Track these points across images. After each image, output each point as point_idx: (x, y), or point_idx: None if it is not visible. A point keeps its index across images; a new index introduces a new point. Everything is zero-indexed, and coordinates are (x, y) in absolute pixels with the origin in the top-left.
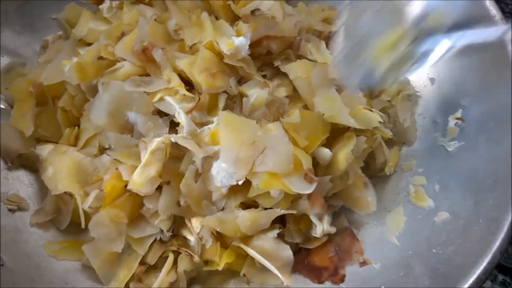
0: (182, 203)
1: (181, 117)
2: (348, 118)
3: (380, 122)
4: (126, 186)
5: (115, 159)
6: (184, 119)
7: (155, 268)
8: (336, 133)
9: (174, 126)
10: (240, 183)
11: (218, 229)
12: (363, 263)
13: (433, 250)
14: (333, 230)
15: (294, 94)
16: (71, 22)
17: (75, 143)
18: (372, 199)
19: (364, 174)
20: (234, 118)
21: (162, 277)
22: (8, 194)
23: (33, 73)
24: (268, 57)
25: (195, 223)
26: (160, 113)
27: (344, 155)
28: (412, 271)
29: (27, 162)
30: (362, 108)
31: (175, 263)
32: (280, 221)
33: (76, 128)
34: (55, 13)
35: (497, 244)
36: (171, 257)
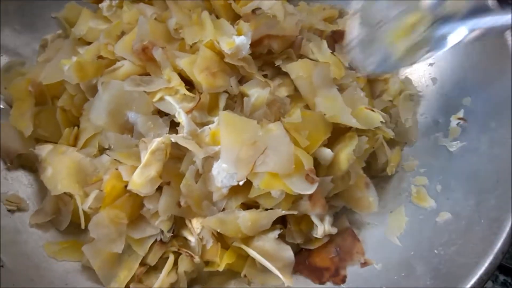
0: (182, 203)
1: (181, 117)
2: (350, 118)
3: (381, 122)
4: (126, 186)
5: (115, 159)
6: (184, 119)
7: (155, 269)
8: (338, 133)
9: (174, 126)
10: (241, 183)
11: (218, 230)
12: (364, 264)
13: (435, 251)
14: (334, 230)
15: (295, 94)
16: (70, 21)
17: (75, 143)
18: (374, 200)
19: (365, 175)
20: (234, 118)
21: (163, 278)
22: (8, 195)
23: (32, 72)
24: (269, 57)
25: (196, 224)
26: (160, 113)
27: (346, 155)
28: (413, 272)
29: (27, 162)
30: (364, 108)
31: (175, 263)
32: (281, 221)
33: (75, 128)
34: (55, 12)
35: (499, 244)
36: (171, 258)
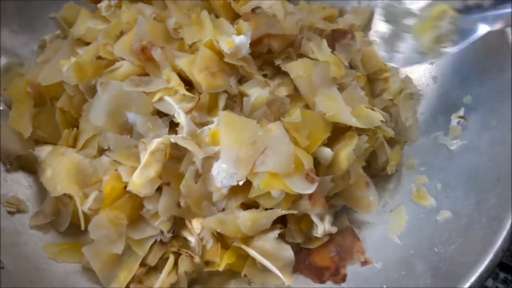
0: (182, 204)
1: (180, 117)
2: (350, 117)
3: (382, 121)
4: (125, 187)
5: (114, 160)
6: (183, 119)
7: (155, 269)
8: (338, 133)
9: (173, 126)
10: (240, 183)
11: (218, 230)
12: (365, 263)
13: (435, 249)
14: (334, 230)
15: (295, 93)
16: (69, 21)
17: (74, 144)
18: (374, 199)
19: (365, 174)
20: (234, 118)
21: (163, 278)
22: (7, 196)
23: (31, 73)
24: (269, 56)
25: (196, 224)
26: (160, 113)
27: (346, 154)
28: (413, 270)
29: (26, 164)
30: (364, 107)
31: (175, 264)
32: (281, 221)
33: (75, 129)
34: (53, 12)
35: (499, 242)
36: (171, 258)
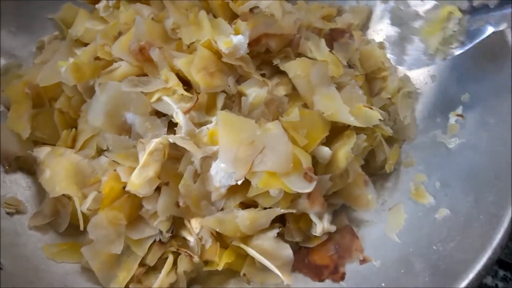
0: (181, 204)
1: (179, 117)
2: (348, 116)
3: (380, 120)
4: (124, 187)
5: (113, 161)
6: (182, 119)
7: (154, 269)
8: (336, 132)
9: (172, 126)
10: (239, 183)
11: (217, 229)
12: (363, 261)
13: (434, 247)
14: (333, 228)
15: (294, 93)
16: (67, 22)
17: (73, 145)
18: (373, 197)
19: (364, 172)
20: (232, 118)
21: (162, 278)
22: (6, 197)
23: (29, 74)
24: (267, 56)
25: (195, 224)
26: (158, 114)
27: (344, 153)
28: (412, 268)
29: (25, 165)
30: (362, 106)
31: (174, 264)
32: (280, 220)
33: (73, 129)
34: (51, 13)
35: (497, 239)
36: (170, 258)
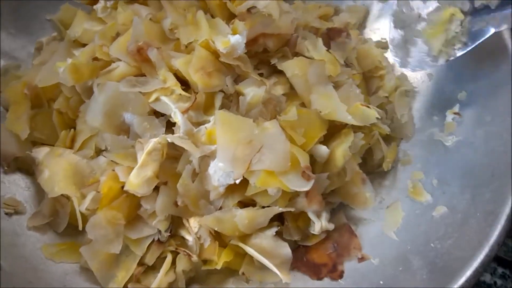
0: (179, 203)
1: (177, 117)
2: (345, 115)
3: (377, 118)
4: (123, 187)
5: (111, 161)
6: (180, 119)
7: (153, 268)
8: (334, 130)
9: (170, 126)
10: (237, 182)
11: (216, 229)
12: (362, 259)
13: (431, 245)
14: (331, 226)
15: (291, 92)
16: (65, 23)
17: (71, 145)
18: (370, 195)
19: (361, 171)
20: (230, 117)
21: (161, 277)
22: (5, 198)
23: (28, 75)
24: (265, 55)
25: (193, 223)
26: (156, 113)
27: (342, 152)
28: (410, 266)
29: (23, 165)
30: (359, 105)
31: (173, 263)
32: (278, 219)
33: (72, 130)
34: (50, 15)
35: (494, 237)
36: (169, 257)
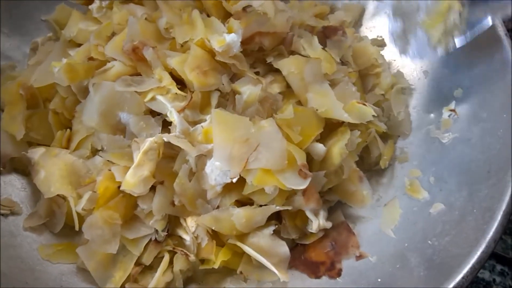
0: (176, 202)
1: (173, 116)
2: (342, 113)
3: (374, 116)
4: (119, 187)
5: (107, 160)
6: (176, 118)
7: (150, 268)
8: (330, 128)
9: (166, 125)
10: (234, 180)
11: (213, 228)
12: (360, 257)
13: (429, 242)
14: (329, 225)
15: (288, 90)
16: (61, 23)
17: (67, 145)
18: (368, 193)
19: (359, 168)
20: (227, 116)
21: (158, 277)
22: (1, 199)
23: (23, 75)
24: (261, 54)
25: (190, 222)
26: (152, 113)
27: (338, 149)
28: (408, 263)
29: (19, 166)
30: (356, 103)
31: (171, 262)
32: (276, 217)
33: (68, 130)
34: (45, 15)
35: (491, 233)
36: (166, 257)
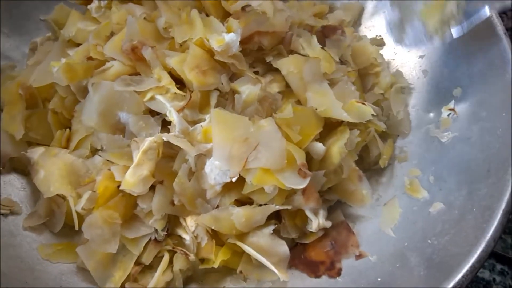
0: (176, 202)
1: (172, 116)
2: (341, 112)
3: (373, 115)
4: (119, 186)
5: (107, 160)
6: (175, 117)
7: (150, 268)
8: (329, 127)
9: (166, 125)
10: (233, 180)
11: (213, 227)
12: (359, 256)
13: (428, 241)
14: (328, 224)
15: (287, 90)
16: (59, 23)
17: (67, 145)
18: (367, 192)
19: (358, 168)
20: (226, 115)
21: (158, 276)
22: (1, 199)
23: (22, 75)
24: (260, 53)
25: (190, 222)
26: (152, 112)
27: (338, 149)
28: (407, 262)
29: (19, 166)
30: (355, 102)
31: (170, 262)
32: (276, 217)
33: (67, 130)
34: (44, 15)
35: (490, 232)
36: (166, 257)
